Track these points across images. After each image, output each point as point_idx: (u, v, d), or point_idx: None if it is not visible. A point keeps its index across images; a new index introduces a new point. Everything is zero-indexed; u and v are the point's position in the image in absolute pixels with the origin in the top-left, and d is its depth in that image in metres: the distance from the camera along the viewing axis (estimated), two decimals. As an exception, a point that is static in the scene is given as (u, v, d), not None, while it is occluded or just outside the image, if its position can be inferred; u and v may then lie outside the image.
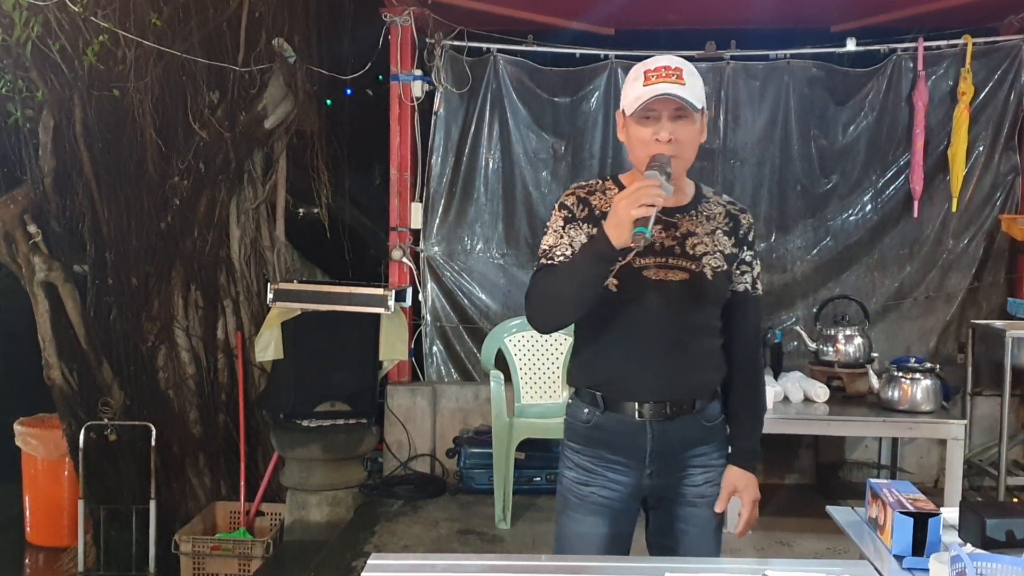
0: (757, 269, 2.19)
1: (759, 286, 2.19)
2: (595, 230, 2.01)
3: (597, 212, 2.08)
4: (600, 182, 2.15)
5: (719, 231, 2.11)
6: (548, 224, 2.12)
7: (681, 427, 2.11)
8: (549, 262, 2.05)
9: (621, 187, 2.12)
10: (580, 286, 1.96)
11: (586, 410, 2.16)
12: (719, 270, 2.08)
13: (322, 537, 4.63)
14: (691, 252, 2.07)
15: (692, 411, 2.11)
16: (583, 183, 2.17)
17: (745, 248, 2.15)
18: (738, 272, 2.15)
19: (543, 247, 2.09)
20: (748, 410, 2.22)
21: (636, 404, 2.09)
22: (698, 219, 2.11)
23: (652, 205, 1.82)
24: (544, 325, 2.10)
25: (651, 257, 2.05)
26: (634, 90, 2.00)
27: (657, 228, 2.05)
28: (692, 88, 1.98)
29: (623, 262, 2.00)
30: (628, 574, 1.88)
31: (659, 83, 1.96)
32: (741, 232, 2.14)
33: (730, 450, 2.19)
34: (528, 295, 2.07)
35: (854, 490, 4.68)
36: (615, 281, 2.03)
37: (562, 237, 2.07)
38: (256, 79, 5.14)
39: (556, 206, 2.12)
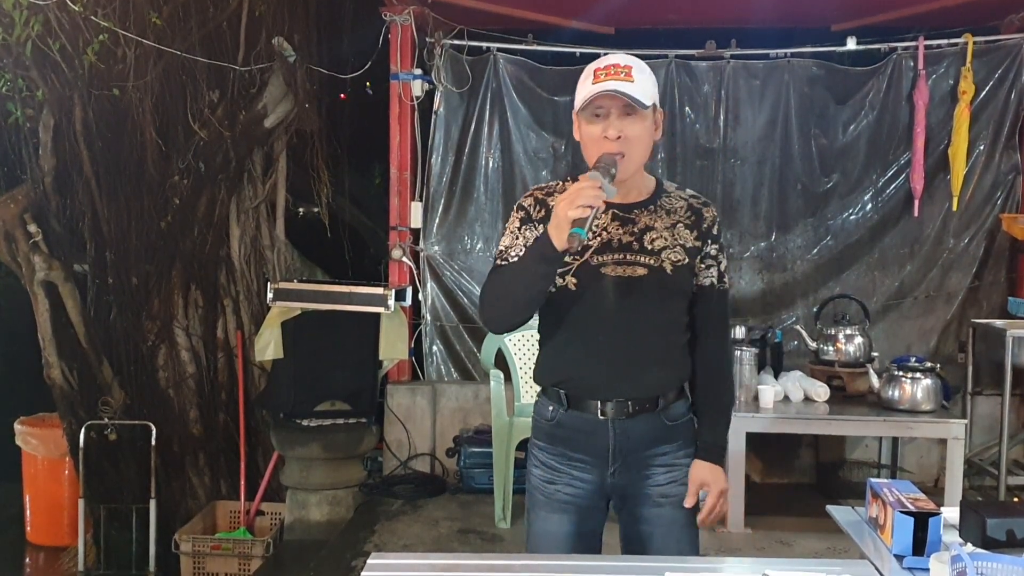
0: (724, 263, 2.17)
1: (726, 280, 2.18)
2: None
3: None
4: (560, 183, 2.14)
5: (680, 225, 2.10)
6: (506, 225, 2.12)
7: (643, 425, 2.10)
8: (503, 263, 2.07)
9: None
10: (525, 286, 1.98)
11: (550, 408, 2.16)
12: (679, 264, 2.06)
13: (322, 536, 4.63)
14: (649, 247, 2.06)
15: (654, 409, 2.11)
16: (543, 184, 2.18)
17: (709, 241, 2.12)
18: (703, 266, 2.13)
19: (499, 248, 2.11)
20: (714, 404, 2.21)
21: (598, 402, 2.09)
22: (657, 214, 2.10)
23: (590, 206, 1.82)
24: (495, 324, 2.13)
25: (609, 254, 2.04)
26: (583, 88, 2.00)
27: (615, 224, 2.06)
28: (641, 85, 1.98)
29: (580, 260, 2.02)
30: (628, 573, 1.88)
31: (607, 80, 1.96)
32: (704, 225, 2.12)
33: (696, 445, 2.18)
34: (480, 295, 2.10)
35: (854, 489, 4.68)
36: (574, 280, 2.04)
37: (517, 238, 2.07)
38: (256, 78, 5.14)
39: (515, 207, 2.13)
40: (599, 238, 2.05)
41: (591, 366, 2.09)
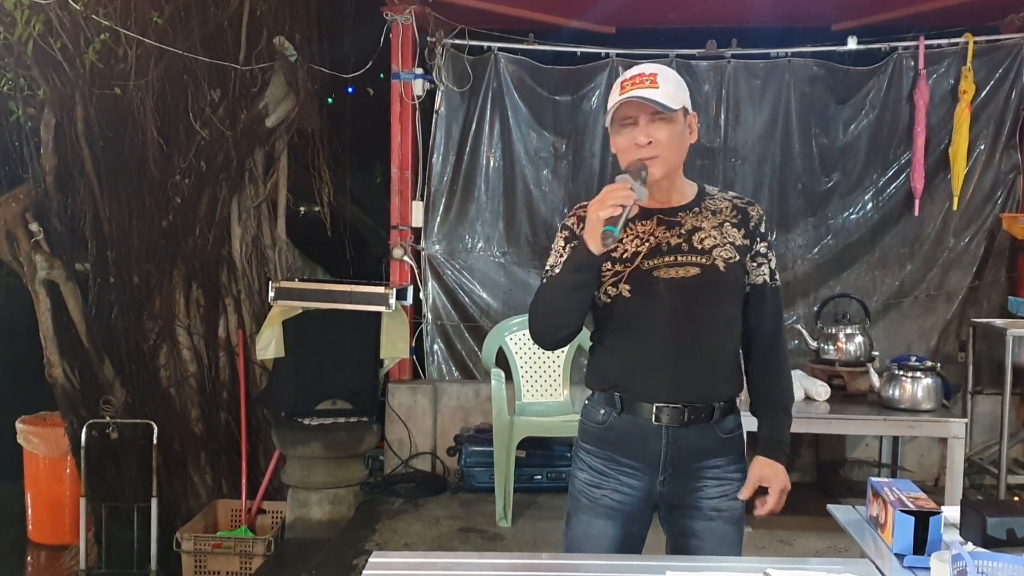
0: (773, 261, 2.17)
1: (777, 278, 2.18)
2: None
3: None
4: None
5: (727, 224, 2.11)
6: (552, 246, 2.16)
7: (696, 435, 2.09)
8: (546, 281, 2.10)
9: None
10: (565, 296, 2.01)
11: (602, 411, 2.14)
12: (731, 261, 2.07)
13: (323, 535, 4.64)
14: (699, 247, 2.06)
15: (708, 420, 2.09)
16: (585, 203, 2.17)
17: (758, 239, 2.13)
18: (754, 264, 2.13)
19: (546, 267, 2.13)
20: (773, 400, 2.20)
21: (653, 407, 2.08)
22: (703, 214, 2.11)
23: (621, 205, 1.86)
24: (541, 339, 2.13)
25: (659, 257, 2.05)
26: (612, 100, 2.03)
27: (661, 229, 2.07)
28: (666, 90, 1.99)
29: (631, 267, 2.04)
30: (629, 572, 1.88)
31: (633, 90, 1.99)
32: (751, 224, 2.13)
33: (758, 442, 2.18)
34: (529, 313, 2.12)
35: (855, 488, 4.69)
36: (628, 287, 2.05)
37: (561, 256, 2.09)
38: (257, 77, 5.14)
39: (560, 227, 2.16)
40: (647, 243, 2.06)
41: (647, 369, 2.08)
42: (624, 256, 2.06)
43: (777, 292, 2.18)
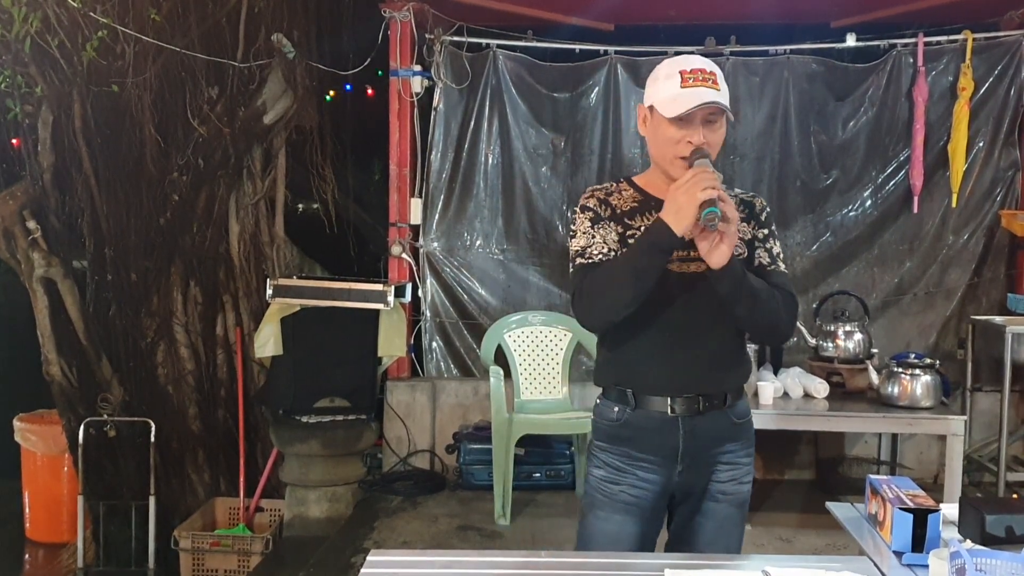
0: (777, 247, 2.18)
1: (781, 264, 2.17)
2: (621, 228, 2.08)
3: (619, 211, 2.12)
4: (614, 184, 2.18)
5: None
6: (574, 228, 2.13)
7: (711, 423, 2.12)
8: (589, 260, 2.07)
9: (635, 188, 2.16)
10: (638, 278, 1.98)
11: (615, 408, 2.15)
12: (740, 256, 2.07)
13: (321, 533, 4.64)
14: None
15: (722, 407, 2.13)
16: (598, 186, 2.19)
17: (759, 227, 2.16)
18: (756, 250, 2.15)
19: (575, 248, 2.10)
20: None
21: (668, 399, 2.09)
22: None
23: (713, 187, 1.88)
24: (599, 321, 2.11)
25: (674, 251, 2.05)
26: (669, 89, 2.01)
27: None
28: (724, 93, 2.02)
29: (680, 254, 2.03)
30: (628, 570, 1.88)
31: (698, 87, 1.98)
32: (756, 216, 2.17)
33: None
34: (578, 294, 2.06)
35: (854, 486, 4.69)
36: None
37: (594, 237, 2.08)
38: (255, 75, 5.13)
39: (578, 209, 2.14)
40: None
41: (659, 363, 2.10)
42: None
43: (782, 276, 2.16)
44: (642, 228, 2.07)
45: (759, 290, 2.05)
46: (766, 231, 2.17)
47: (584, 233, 2.10)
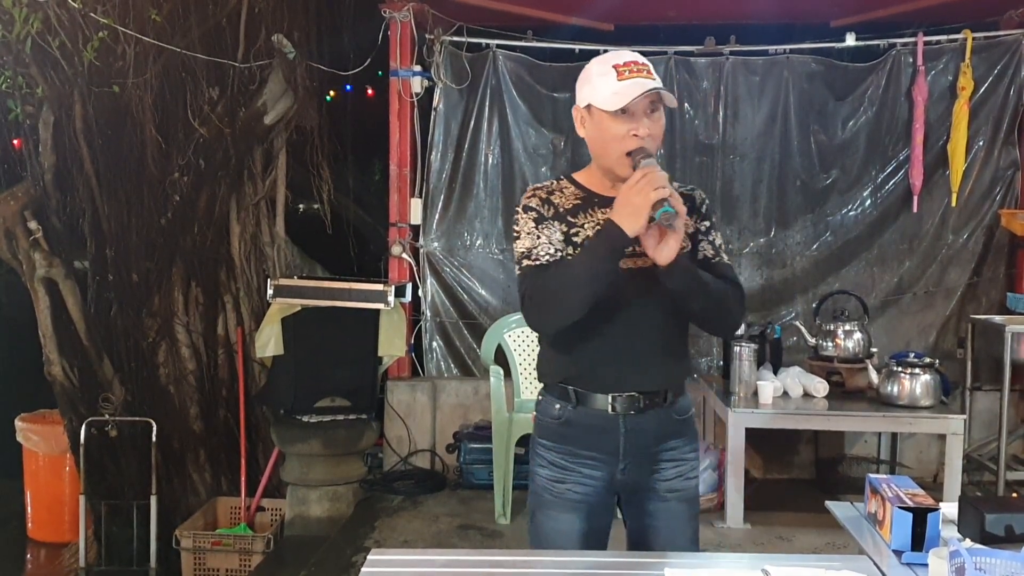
0: (719, 239, 2.18)
1: (724, 255, 2.17)
2: (565, 227, 2.06)
3: (562, 209, 2.10)
4: (556, 182, 2.17)
5: None
6: (517, 228, 2.11)
7: (652, 420, 2.11)
8: (536, 262, 2.05)
9: (577, 185, 2.14)
10: (593, 281, 1.97)
11: (557, 406, 2.15)
12: (684, 251, 2.04)
13: (322, 532, 4.64)
14: None
15: (663, 404, 2.12)
16: (539, 185, 2.18)
17: (700, 219, 2.15)
18: (698, 241, 2.14)
19: (521, 250, 2.08)
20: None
21: (608, 397, 2.09)
22: None
23: (664, 187, 1.87)
24: (550, 325, 2.09)
25: (625, 251, 2.04)
26: (606, 85, 2.00)
27: None
28: (659, 82, 2.02)
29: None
30: (626, 569, 1.88)
31: (635, 77, 1.97)
32: (696, 208, 2.15)
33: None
34: (528, 298, 2.04)
35: (853, 485, 4.69)
36: None
37: (539, 237, 2.07)
38: (256, 75, 5.13)
39: (520, 209, 2.12)
40: None
41: (601, 361, 2.08)
42: (583, 244, 2.05)
43: (726, 268, 2.15)
44: (585, 226, 2.06)
45: (708, 282, 2.05)
46: (708, 223, 2.16)
47: (528, 234, 2.08)
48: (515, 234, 2.12)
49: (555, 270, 2.03)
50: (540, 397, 2.23)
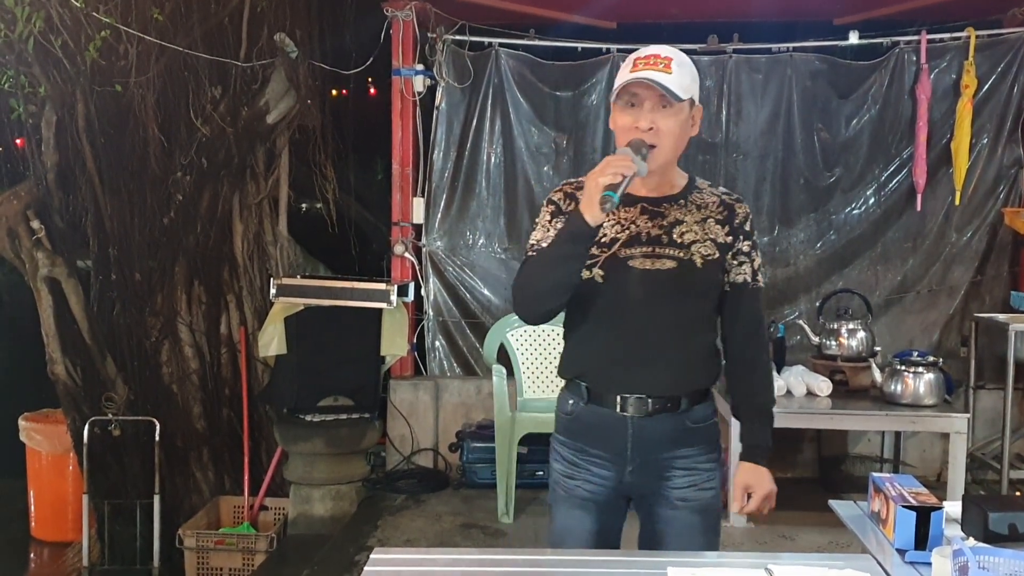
0: (757, 260, 2.14)
1: (760, 278, 2.15)
2: None
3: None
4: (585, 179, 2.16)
5: (711, 220, 2.08)
6: (536, 221, 2.12)
7: (662, 425, 2.07)
8: (533, 254, 2.06)
9: None
10: (555, 268, 1.97)
11: (570, 401, 2.14)
12: (710, 259, 2.04)
13: (325, 531, 4.65)
14: (679, 240, 2.04)
15: (675, 410, 2.07)
16: (573, 180, 2.16)
17: (742, 238, 2.10)
18: (735, 263, 2.10)
19: (531, 242, 2.09)
20: (749, 404, 2.19)
21: (617, 397, 2.06)
22: (687, 208, 2.08)
23: (623, 175, 1.84)
24: (527, 313, 2.10)
25: (637, 247, 2.03)
26: (621, 76, 2.00)
27: (644, 218, 2.05)
28: (678, 78, 1.96)
29: (608, 253, 2.01)
30: (629, 568, 1.88)
31: (645, 71, 1.95)
32: (736, 221, 2.10)
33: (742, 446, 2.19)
34: (513, 287, 2.08)
35: (857, 484, 4.69)
36: (602, 272, 2.02)
37: (548, 231, 2.06)
38: (258, 74, 5.14)
39: (545, 202, 2.13)
40: (627, 231, 2.04)
41: (612, 359, 2.07)
42: (603, 240, 2.03)
43: (757, 293, 2.15)
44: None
45: (770, 409, 2.21)
46: (749, 243, 2.12)
47: (542, 227, 2.09)
48: (534, 226, 2.13)
49: (533, 258, 2.05)
50: (560, 392, 2.22)
